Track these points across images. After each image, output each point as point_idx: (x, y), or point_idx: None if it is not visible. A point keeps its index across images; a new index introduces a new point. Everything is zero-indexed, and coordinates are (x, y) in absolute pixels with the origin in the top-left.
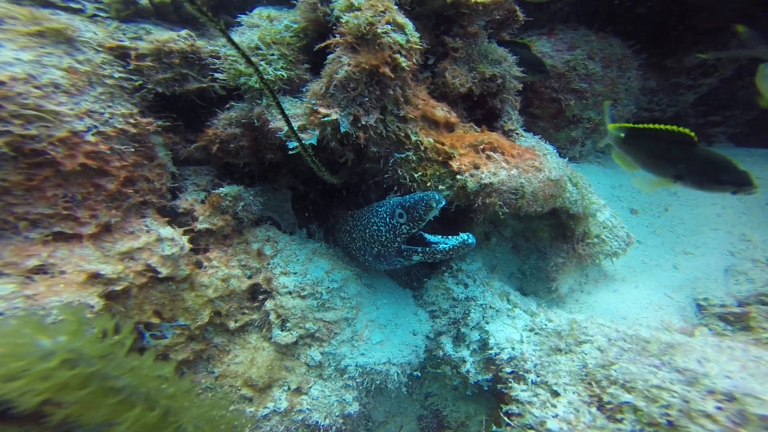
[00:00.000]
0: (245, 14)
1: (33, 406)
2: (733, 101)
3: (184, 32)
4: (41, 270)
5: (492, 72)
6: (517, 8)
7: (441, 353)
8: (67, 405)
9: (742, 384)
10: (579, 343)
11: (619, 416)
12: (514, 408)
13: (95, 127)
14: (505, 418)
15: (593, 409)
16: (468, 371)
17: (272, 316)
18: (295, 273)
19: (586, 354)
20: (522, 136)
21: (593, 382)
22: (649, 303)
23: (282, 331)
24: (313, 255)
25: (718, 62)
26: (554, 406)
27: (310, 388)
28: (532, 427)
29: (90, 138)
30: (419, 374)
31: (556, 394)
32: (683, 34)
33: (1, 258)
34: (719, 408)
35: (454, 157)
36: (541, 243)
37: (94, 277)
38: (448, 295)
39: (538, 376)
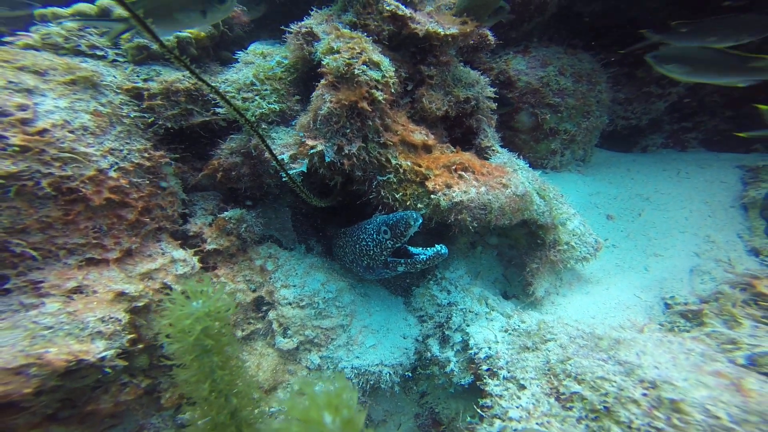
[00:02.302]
0: (242, 51)
1: (186, 345)
2: (701, 108)
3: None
4: (78, 290)
5: (466, 95)
6: (489, 33)
7: (429, 354)
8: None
9: (665, 373)
10: (545, 342)
11: (569, 405)
12: (488, 401)
13: (117, 163)
14: (479, 411)
15: (551, 400)
16: (452, 371)
17: (275, 325)
18: (294, 286)
19: (549, 351)
20: (497, 152)
21: (553, 376)
22: (618, 303)
23: (284, 338)
24: (311, 269)
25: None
26: (519, 398)
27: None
28: (498, 416)
29: (113, 174)
30: (410, 374)
31: (522, 387)
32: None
33: (48, 281)
34: (644, 394)
35: (430, 177)
36: (520, 250)
37: (121, 296)
38: (433, 301)
39: (508, 372)
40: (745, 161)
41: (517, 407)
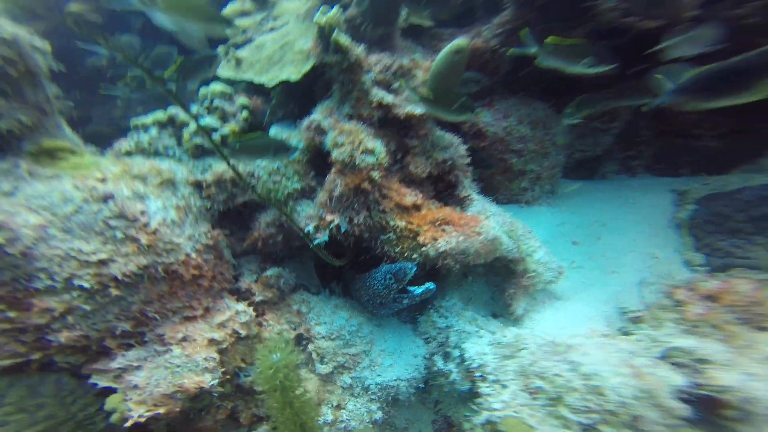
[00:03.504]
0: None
1: (273, 386)
2: (638, 138)
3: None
4: (185, 339)
5: (443, 157)
6: None
7: (436, 368)
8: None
9: (597, 367)
10: (519, 350)
11: (536, 396)
12: (480, 400)
13: (194, 246)
14: (474, 407)
15: (525, 394)
16: (454, 380)
17: (314, 355)
18: (325, 323)
19: (523, 357)
20: (474, 200)
21: (525, 376)
22: (583, 315)
23: (322, 364)
24: (336, 309)
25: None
26: (502, 394)
27: (346, 404)
28: (486, 409)
29: (193, 255)
30: (423, 386)
31: (504, 387)
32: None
33: (167, 334)
34: (583, 384)
35: (420, 233)
36: (501, 277)
37: (212, 341)
38: (434, 326)
39: (495, 377)
40: (675, 185)
41: (501, 401)
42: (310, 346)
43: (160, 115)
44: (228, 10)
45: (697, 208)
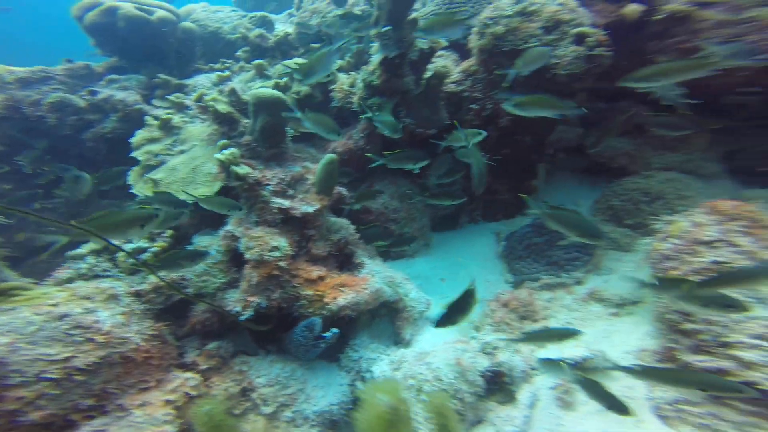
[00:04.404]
0: (191, 245)
1: (209, 427)
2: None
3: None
4: (144, 404)
5: (337, 237)
6: (341, 191)
7: (357, 390)
8: None
9: (440, 363)
10: (402, 363)
11: (410, 390)
12: None
13: (142, 337)
14: None
15: (413, 393)
16: None
17: (258, 401)
18: (264, 375)
19: (404, 367)
20: (365, 264)
21: (406, 378)
22: (448, 331)
23: (265, 406)
24: (271, 363)
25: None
26: None
27: None
28: None
29: (142, 344)
30: (352, 407)
31: None
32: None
33: (126, 403)
34: (433, 376)
35: (325, 296)
36: (395, 315)
37: (167, 402)
38: (350, 359)
39: None
40: (495, 228)
41: None
42: (254, 395)
43: (94, 245)
44: (138, 138)
45: (505, 243)
